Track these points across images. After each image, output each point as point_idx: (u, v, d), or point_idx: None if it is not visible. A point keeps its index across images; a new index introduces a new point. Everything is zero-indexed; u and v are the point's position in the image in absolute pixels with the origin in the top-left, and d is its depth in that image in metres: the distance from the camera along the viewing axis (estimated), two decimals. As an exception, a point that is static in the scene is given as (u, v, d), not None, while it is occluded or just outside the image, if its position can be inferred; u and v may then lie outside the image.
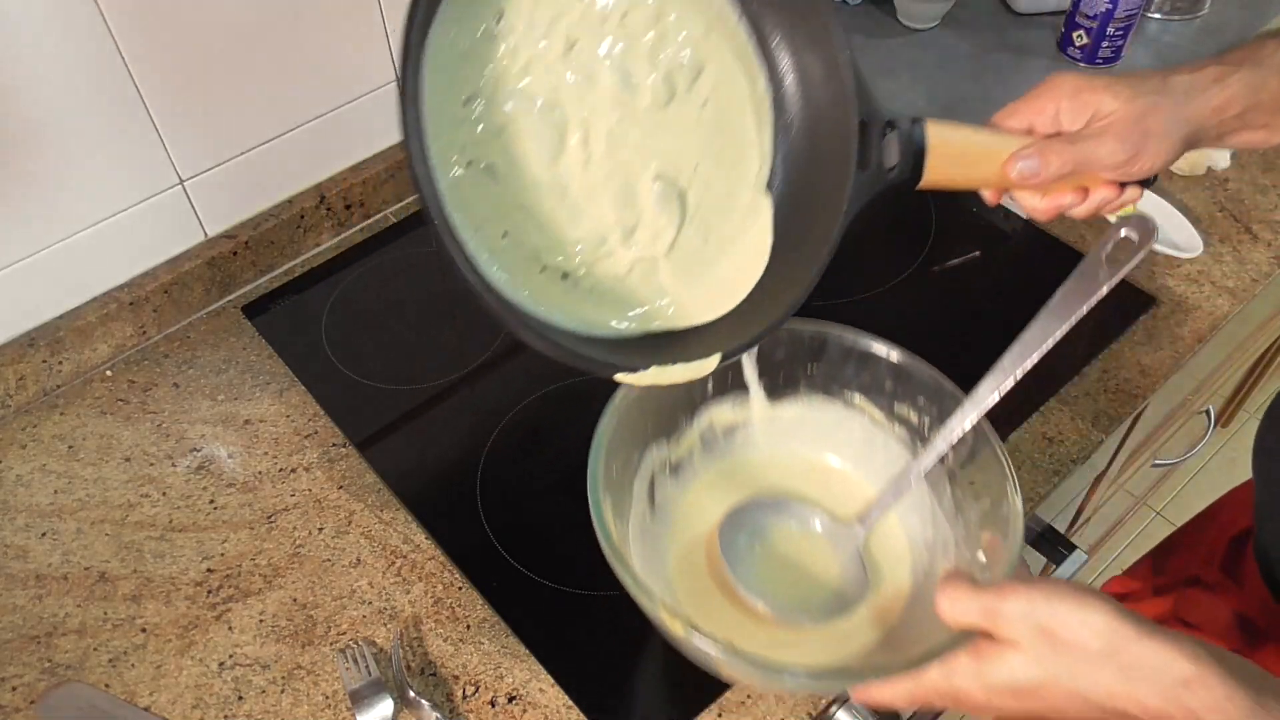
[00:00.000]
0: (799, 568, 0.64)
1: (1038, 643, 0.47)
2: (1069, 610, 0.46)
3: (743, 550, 0.63)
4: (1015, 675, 0.47)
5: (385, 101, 0.97)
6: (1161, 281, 0.94)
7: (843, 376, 0.67)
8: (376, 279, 0.96)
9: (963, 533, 0.62)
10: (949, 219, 1.01)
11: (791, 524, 0.65)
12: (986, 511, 0.60)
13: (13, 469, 0.82)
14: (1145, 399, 0.86)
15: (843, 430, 0.69)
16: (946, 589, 0.50)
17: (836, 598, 0.62)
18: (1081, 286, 0.57)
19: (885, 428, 0.67)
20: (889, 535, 0.66)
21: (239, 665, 0.71)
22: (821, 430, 0.70)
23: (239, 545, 0.77)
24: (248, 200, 0.94)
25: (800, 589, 0.63)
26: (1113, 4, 1.05)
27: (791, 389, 0.67)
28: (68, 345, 0.86)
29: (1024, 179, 0.58)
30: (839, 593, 0.63)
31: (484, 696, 0.69)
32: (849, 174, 0.57)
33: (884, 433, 0.67)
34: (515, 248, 0.54)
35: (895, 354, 0.65)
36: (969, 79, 1.10)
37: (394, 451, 0.82)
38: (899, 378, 0.65)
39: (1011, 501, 0.57)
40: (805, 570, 0.64)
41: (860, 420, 0.68)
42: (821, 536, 0.65)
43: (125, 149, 0.83)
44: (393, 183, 1.01)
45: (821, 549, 0.65)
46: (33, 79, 0.74)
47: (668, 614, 0.52)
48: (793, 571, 0.64)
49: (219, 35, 0.82)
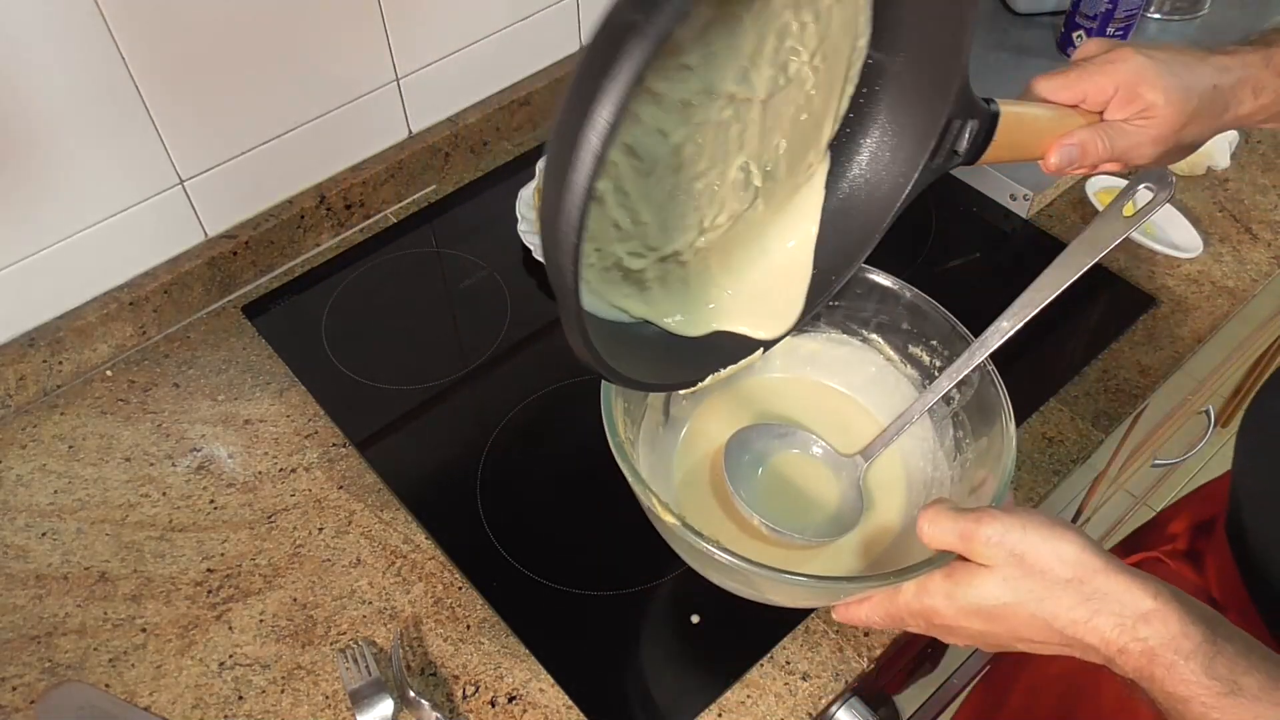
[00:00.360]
0: (798, 491, 0.66)
1: (1009, 566, 0.49)
2: (1041, 538, 0.48)
3: (746, 469, 0.65)
4: (985, 596, 0.49)
5: (385, 101, 0.97)
6: (1161, 281, 0.94)
7: (861, 314, 0.69)
8: (376, 279, 0.96)
9: (959, 472, 0.64)
10: (949, 219, 1.01)
11: (795, 449, 0.67)
12: (983, 451, 0.62)
13: (13, 469, 0.82)
14: (1145, 399, 0.86)
15: (857, 365, 0.71)
16: (928, 512, 0.51)
17: (832, 523, 0.64)
18: (1097, 235, 0.58)
19: (898, 366, 0.69)
20: (889, 470, 0.68)
21: (239, 665, 0.71)
22: (837, 364, 0.71)
23: (239, 545, 0.77)
24: (248, 200, 0.94)
25: (797, 510, 0.64)
26: (1113, 4, 1.05)
27: (812, 321, 0.67)
28: (68, 345, 0.86)
29: (1064, 165, 0.61)
30: (834, 519, 0.64)
31: (484, 696, 0.69)
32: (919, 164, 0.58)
33: (896, 371, 0.69)
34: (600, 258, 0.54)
35: (910, 293, 0.66)
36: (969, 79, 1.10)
37: (394, 451, 0.82)
38: (915, 318, 0.66)
39: (1006, 434, 0.59)
40: (804, 494, 0.66)
41: (875, 357, 0.70)
42: (823, 464, 0.67)
43: (125, 149, 0.83)
44: (393, 183, 1.01)
45: (823, 476, 0.66)
46: (33, 79, 0.74)
47: (660, 506, 0.54)
48: (792, 494, 0.66)
49: (219, 35, 0.82)
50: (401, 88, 0.98)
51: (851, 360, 0.71)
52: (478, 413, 0.85)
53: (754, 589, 0.59)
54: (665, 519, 0.54)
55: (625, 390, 0.60)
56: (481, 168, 1.06)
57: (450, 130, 1.03)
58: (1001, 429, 0.60)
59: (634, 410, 0.64)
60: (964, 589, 0.50)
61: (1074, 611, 0.47)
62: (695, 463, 0.69)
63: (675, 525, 0.54)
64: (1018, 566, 0.48)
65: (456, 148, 1.04)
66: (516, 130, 1.09)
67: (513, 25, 1.03)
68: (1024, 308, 0.59)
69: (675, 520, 0.54)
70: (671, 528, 0.55)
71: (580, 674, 0.70)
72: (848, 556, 0.65)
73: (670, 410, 0.69)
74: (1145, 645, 0.46)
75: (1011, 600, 0.49)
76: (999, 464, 0.58)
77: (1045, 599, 0.48)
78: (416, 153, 1.01)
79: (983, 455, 0.62)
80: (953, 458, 0.65)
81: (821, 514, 0.65)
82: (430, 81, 0.99)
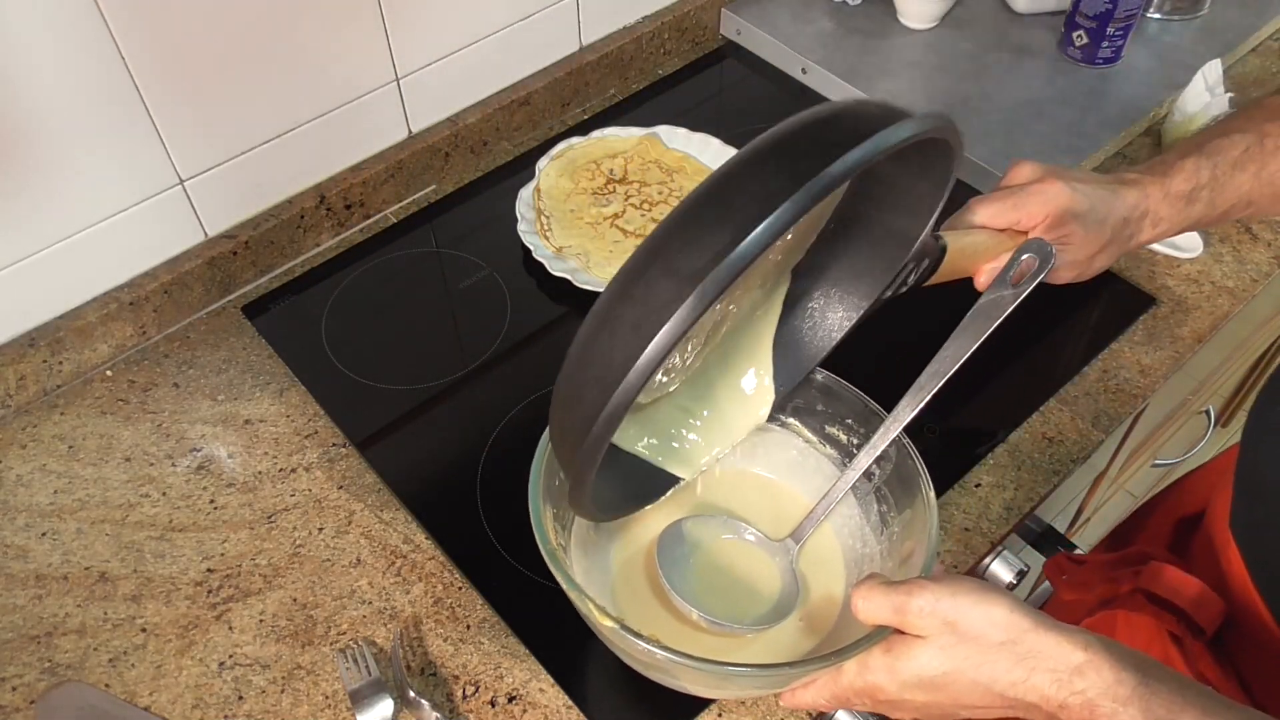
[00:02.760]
0: (735, 579, 0.66)
1: (944, 635, 0.50)
2: (971, 604, 0.49)
3: (680, 562, 0.65)
4: (923, 667, 0.50)
5: (385, 101, 0.97)
6: (1161, 281, 0.94)
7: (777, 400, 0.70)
8: (376, 279, 0.96)
9: (887, 545, 0.66)
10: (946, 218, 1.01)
11: (729, 536, 0.68)
12: (908, 522, 0.63)
13: (13, 469, 0.82)
14: (1145, 399, 0.86)
15: (779, 449, 0.72)
16: (860, 589, 0.53)
17: (772, 609, 0.65)
18: (990, 308, 0.63)
19: (818, 447, 0.71)
20: (823, 549, 0.69)
21: (239, 665, 0.71)
22: (760, 449, 0.72)
23: (239, 545, 0.77)
24: (248, 200, 0.94)
25: (735, 599, 0.65)
26: (1113, 4, 1.05)
27: None
28: (68, 345, 0.86)
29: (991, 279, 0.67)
30: (774, 604, 0.65)
31: (484, 696, 0.69)
32: (870, 299, 0.64)
33: (816, 452, 0.71)
34: None
35: (821, 376, 0.68)
36: (969, 79, 1.10)
37: (394, 451, 0.82)
38: (828, 399, 0.68)
39: (928, 503, 0.61)
40: (741, 581, 0.66)
41: (795, 440, 0.72)
42: (757, 549, 0.67)
43: (125, 149, 0.83)
44: (393, 183, 1.01)
45: (758, 562, 0.67)
46: (33, 79, 0.74)
47: (597, 611, 0.54)
48: (729, 582, 0.66)
49: (219, 35, 0.82)
50: (401, 88, 0.98)
51: (773, 445, 0.72)
52: (478, 413, 0.85)
53: (697, 685, 0.59)
54: (603, 624, 0.55)
55: (552, 492, 0.61)
56: (481, 168, 1.06)
57: (450, 130, 1.03)
58: (923, 499, 0.61)
59: (563, 514, 0.64)
60: (903, 662, 0.51)
61: (1011, 673, 0.48)
62: (630, 556, 0.69)
63: (613, 629, 0.54)
64: (952, 634, 0.50)
65: (456, 148, 1.04)
66: (516, 130, 1.09)
67: (513, 25, 1.03)
68: (931, 378, 0.61)
69: (614, 624, 0.54)
70: (609, 632, 0.55)
71: (580, 674, 0.70)
72: (791, 639, 0.65)
73: None
74: (1084, 697, 0.47)
75: (950, 668, 0.50)
76: (924, 534, 0.60)
77: (982, 664, 0.49)
78: (416, 153, 1.01)
79: (908, 526, 0.63)
80: (879, 532, 0.67)
81: (760, 600, 0.65)
82: (430, 81, 0.99)
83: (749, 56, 1.19)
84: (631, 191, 0.99)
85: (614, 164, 1.01)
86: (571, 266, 0.92)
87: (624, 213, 0.97)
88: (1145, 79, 1.10)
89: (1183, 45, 1.14)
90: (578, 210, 0.97)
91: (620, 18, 1.13)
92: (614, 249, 0.94)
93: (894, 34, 1.16)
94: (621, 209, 0.97)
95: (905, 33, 1.16)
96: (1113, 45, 1.09)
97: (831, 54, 1.13)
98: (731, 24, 1.19)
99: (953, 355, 0.61)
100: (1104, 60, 1.10)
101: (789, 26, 1.17)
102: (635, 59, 1.15)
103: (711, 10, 1.19)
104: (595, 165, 1.01)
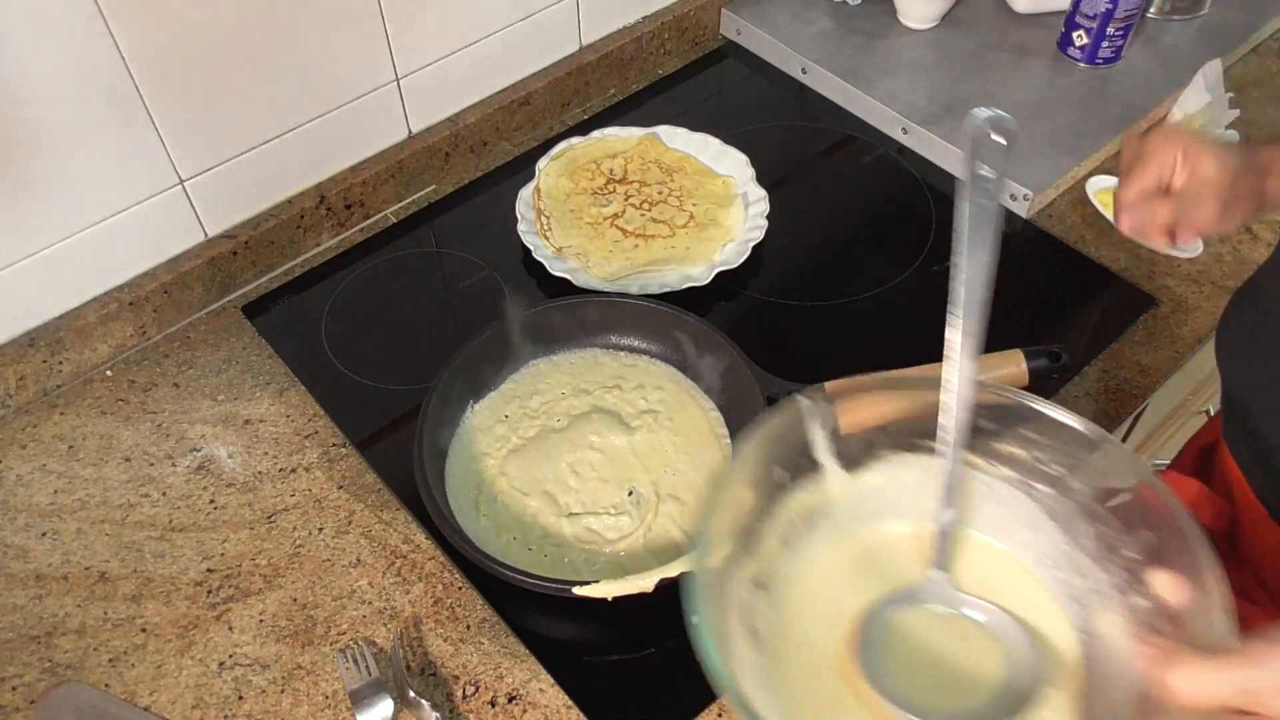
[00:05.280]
0: (949, 663, 0.53)
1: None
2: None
3: (881, 660, 0.52)
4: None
5: (385, 101, 0.97)
6: (1161, 281, 0.94)
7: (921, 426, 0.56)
8: (376, 279, 0.96)
9: (1123, 576, 0.51)
10: (949, 219, 1.00)
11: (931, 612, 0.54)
12: (1149, 543, 0.49)
13: (13, 469, 0.82)
14: (1145, 399, 0.86)
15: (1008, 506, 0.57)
16: (1174, 665, 0.42)
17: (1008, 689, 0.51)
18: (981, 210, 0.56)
19: (985, 469, 0.57)
20: (1028, 599, 0.55)
21: (239, 665, 0.71)
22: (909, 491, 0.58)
23: (239, 545, 0.77)
24: (248, 200, 0.94)
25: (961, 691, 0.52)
26: (1113, 4, 1.05)
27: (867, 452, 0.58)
28: (68, 345, 0.86)
29: (1135, 230, 0.65)
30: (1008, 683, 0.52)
31: (484, 696, 0.69)
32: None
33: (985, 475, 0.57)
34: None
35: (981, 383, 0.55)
36: (969, 79, 1.10)
37: (394, 451, 0.82)
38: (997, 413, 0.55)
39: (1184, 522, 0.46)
40: (959, 666, 0.53)
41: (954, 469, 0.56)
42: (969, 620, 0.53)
43: (125, 149, 0.83)
44: (392, 183, 1.01)
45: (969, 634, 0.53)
46: (33, 79, 0.74)
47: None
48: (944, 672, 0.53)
49: (219, 36, 0.82)
50: (401, 88, 0.98)
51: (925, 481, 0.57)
52: (478, 413, 0.85)
53: None
54: None
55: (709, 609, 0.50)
56: (481, 168, 1.06)
57: (450, 130, 1.03)
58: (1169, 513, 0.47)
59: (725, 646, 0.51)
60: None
61: None
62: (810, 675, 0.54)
63: None
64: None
65: (456, 148, 1.04)
66: (516, 130, 1.09)
67: (513, 25, 1.03)
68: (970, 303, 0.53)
69: None
70: None
71: (580, 674, 0.70)
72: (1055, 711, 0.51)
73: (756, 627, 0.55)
74: None
75: None
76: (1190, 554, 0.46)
77: None
78: (416, 153, 1.01)
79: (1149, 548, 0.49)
80: (1103, 559, 0.53)
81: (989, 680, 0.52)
82: (430, 81, 0.99)
83: (749, 56, 1.19)
84: (631, 191, 0.99)
85: (614, 164, 1.01)
86: (571, 266, 0.92)
87: (624, 213, 0.97)
88: (1145, 79, 1.10)
89: (1183, 45, 1.14)
90: (578, 210, 0.97)
91: (620, 18, 1.13)
92: (614, 249, 0.94)
93: (894, 34, 1.16)
94: (621, 209, 0.97)
95: (905, 33, 1.16)
96: (1113, 45, 1.09)
97: (831, 54, 1.13)
98: (731, 24, 1.19)
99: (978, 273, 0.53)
100: (1104, 60, 1.10)
101: (789, 26, 1.17)
102: (635, 59, 1.15)
103: (711, 10, 1.19)
104: (595, 165, 1.01)
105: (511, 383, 0.84)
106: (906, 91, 1.09)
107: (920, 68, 1.12)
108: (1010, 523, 0.56)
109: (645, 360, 0.86)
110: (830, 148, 1.09)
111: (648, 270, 0.92)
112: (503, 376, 0.84)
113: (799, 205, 1.02)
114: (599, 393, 0.83)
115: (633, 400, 0.82)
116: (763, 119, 1.12)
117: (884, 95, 1.08)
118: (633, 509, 0.75)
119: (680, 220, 0.97)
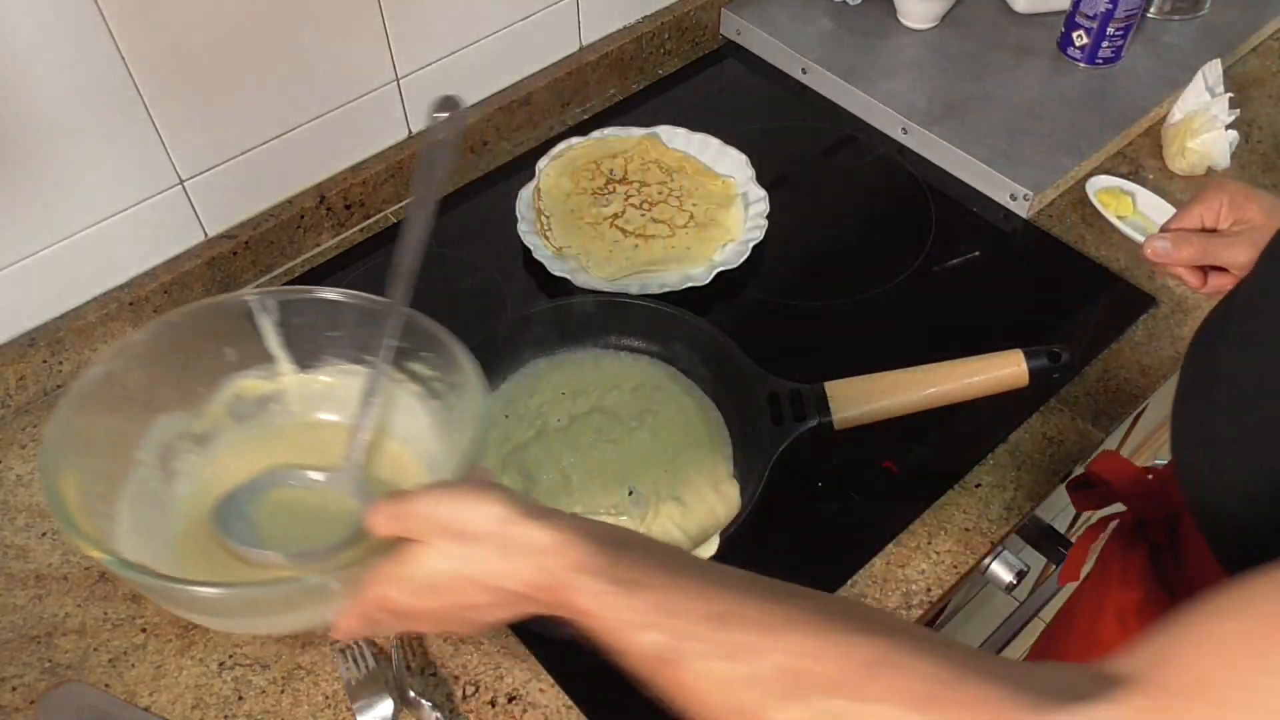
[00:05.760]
0: (309, 519, 0.64)
1: (443, 539, 0.50)
2: (467, 504, 0.49)
3: (244, 520, 0.62)
4: (427, 572, 0.50)
5: (385, 101, 0.97)
6: (1161, 281, 0.94)
7: (360, 339, 0.68)
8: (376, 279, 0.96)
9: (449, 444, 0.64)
10: (949, 219, 1.01)
11: (291, 485, 0.65)
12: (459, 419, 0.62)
13: (13, 469, 0.82)
14: (1145, 399, 0.86)
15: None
16: (371, 506, 0.52)
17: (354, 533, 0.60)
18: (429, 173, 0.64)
19: (405, 384, 0.68)
20: (403, 467, 0.67)
21: (239, 665, 0.71)
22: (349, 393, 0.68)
23: (239, 545, 0.77)
24: (248, 200, 0.94)
25: (314, 535, 0.61)
26: (1113, 4, 1.05)
27: (314, 356, 0.69)
28: (68, 345, 0.86)
29: (1157, 256, 0.71)
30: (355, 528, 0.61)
31: (484, 696, 0.69)
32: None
33: (403, 389, 0.68)
34: None
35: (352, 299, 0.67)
36: (969, 79, 1.10)
37: (394, 451, 0.82)
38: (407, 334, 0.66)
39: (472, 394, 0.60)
40: (316, 519, 0.64)
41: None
42: (325, 487, 0.65)
43: (125, 149, 0.83)
44: (392, 183, 1.01)
45: (330, 499, 0.64)
46: (33, 79, 0.74)
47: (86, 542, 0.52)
48: (302, 524, 0.64)
49: (220, 35, 0.82)
50: (401, 88, 0.98)
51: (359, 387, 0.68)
52: (478, 413, 0.85)
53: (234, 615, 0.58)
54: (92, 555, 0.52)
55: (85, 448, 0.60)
56: (481, 168, 1.06)
57: (450, 130, 1.02)
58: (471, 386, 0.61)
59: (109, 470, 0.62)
60: (409, 569, 0.51)
61: (496, 565, 0.48)
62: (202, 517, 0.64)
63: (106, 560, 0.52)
64: (450, 537, 0.49)
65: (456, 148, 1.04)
66: (516, 130, 1.09)
67: (513, 25, 1.03)
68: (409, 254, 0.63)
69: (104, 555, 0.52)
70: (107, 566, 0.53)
71: (580, 674, 0.70)
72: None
73: (175, 465, 0.66)
74: (554, 577, 0.47)
75: (451, 570, 0.50)
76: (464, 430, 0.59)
77: (473, 561, 0.49)
78: (416, 153, 1.01)
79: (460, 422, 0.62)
80: (443, 432, 0.65)
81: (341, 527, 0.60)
82: (430, 81, 0.99)
83: (749, 56, 1.19)
84: (631, 191, 0.99)
85: (614, 164, 1.01)
86: (571, 266, 0.92)
87: (624, 213, 0.97)
88: (1145, 79, 1.10)
89: (1183, 45, 1.14)
90: (578, 210, 0.97)
91: (620, 18, 1.13)
92: (614, 249, 0.94)
93: (894, 34, 1.16)
94: (621, 209, 0.97)
95: (905, 33, 1.16)
96: (1113, 45, 1.09)
97: (831, 54, 1.13)
98: (731, 24, 1.19)
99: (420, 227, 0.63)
100: (1104, 60, 1.10)
101: (789, 26, 1.17)
102: (635, 59, 1.15)
103: (711, 10, 1.19)
104: (595, 165, 1.01)
105: (511, 383, 0.84)
106: (906, 91, 1.09)
107: (920, 68, 1.12)
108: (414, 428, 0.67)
109: (645, 360, 0.86)
110: (830, 148, 1.09)
111: (648, 270, 0.92)
112: (502, 377, 0.84)
113: (799, 205, 1.02)
114: (599, 393, 0.83)
115: (632, 400, 0.82)
116: (763, 119, 1.12)
117: (884, 95, 1.08)
118: (633, 509, 0.75)
119: (680, 220, 0.97)
